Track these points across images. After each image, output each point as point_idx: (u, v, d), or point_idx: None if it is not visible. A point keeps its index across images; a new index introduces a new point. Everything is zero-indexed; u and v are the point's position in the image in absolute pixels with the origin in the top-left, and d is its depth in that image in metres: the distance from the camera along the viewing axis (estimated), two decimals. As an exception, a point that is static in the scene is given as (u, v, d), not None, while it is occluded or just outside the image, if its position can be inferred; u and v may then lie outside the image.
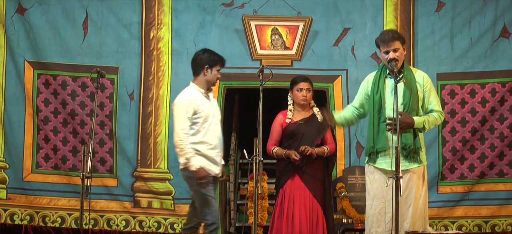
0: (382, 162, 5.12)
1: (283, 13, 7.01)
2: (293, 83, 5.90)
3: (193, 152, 5.29)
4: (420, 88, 5.07)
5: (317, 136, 5.83)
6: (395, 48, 5.01)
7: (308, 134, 5.81)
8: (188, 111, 5.34)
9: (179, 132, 5.32)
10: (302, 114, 5.88)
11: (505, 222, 6.77)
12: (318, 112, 5.88)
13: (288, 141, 5.84)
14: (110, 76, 6.87)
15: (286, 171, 5.79)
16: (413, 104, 5.02)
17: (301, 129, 5.83)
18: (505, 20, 6.86)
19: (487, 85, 6.85)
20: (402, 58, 5.06)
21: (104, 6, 6.97)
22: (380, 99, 5.12)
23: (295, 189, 5.74)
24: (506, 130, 6.81)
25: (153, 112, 6.94)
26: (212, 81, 5.50)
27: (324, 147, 5.81)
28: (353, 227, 6.39)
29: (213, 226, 5.29)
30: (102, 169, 6.88)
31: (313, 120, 5.86)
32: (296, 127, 5.83)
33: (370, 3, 7.00)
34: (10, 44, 6.91)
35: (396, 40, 5.01)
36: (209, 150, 5.38)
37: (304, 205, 5.70)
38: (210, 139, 5.39)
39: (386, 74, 5.17)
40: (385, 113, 5.07)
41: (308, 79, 5.89)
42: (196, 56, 5.55)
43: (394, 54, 5.01)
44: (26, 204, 6.85)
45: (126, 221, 6.86)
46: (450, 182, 6.85)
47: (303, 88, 5.82)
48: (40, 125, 6.86)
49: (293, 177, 5.76)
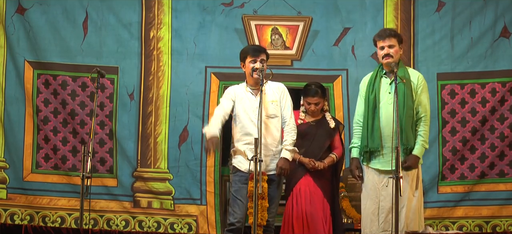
0: (376, 162, 5.16)
1: (283, 13, 7.00)
2: (304, 93, 5.88)
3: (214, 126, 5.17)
4: (414, 87, 5.09)
5: (327, 139, 5.86)
6: (391, 44, 5.05)
7: (318, 136, 5.84)
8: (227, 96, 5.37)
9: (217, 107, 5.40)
10: (314, 117, 5.92)
11: (506, 222, 6.77)
12: (330, 118, 5.90)
13: (299, 140, 5.84)
14: (110, 76, 6.87)
15: (297, 170, 5.80)
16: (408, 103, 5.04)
17: (312, 130, 5.85)
18: (505, 20, 6.86)
19: (487, 85, 6.85)
20: (397, 56, 5.10)
21: (104, 6, 6.97)
22: (375, 99, 5.15)
23: (308, 187, 5.76)
24: (506, 130, 6.80)
25: (153, 112, 6.94)
26: (249, 74, 5.34)
27: (332, 155, 5.85)
28: (353, 227, 6.38)
29: (231, 226, 5.28)
30: (102, 169, 6.88)
31: (324, 123, 5.88)
32: (307, 127, 5.85)
33: (370, 3, 6.99)
34: (10, 44, 6.91)
35: (392, 37, 5.06)
36: (243, 145, 5.30)
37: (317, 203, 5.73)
38: (245, 135, 5.30)
39: (382, 74, 5.19)
40: (380, 113, 5.08)
41: (317, 93, 5.80)
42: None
43: (389, 50, 5.05)
44: (26, 204, 6.85)
45: (126, 221, 6.85)
46: (451, 182, 6.84)
47: (311, 103, 5.83)
48: (40, 124, 6.86)
49: (306, 176, 5.80)
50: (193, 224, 6.83)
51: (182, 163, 6.87)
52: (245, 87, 5.42)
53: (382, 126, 5.15)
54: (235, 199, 5.30)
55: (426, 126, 5.13)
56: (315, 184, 5.77)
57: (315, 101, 5.83)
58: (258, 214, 5.21)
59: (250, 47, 5.53)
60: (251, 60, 5.34)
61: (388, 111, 5.09)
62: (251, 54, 5.36)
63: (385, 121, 5.13)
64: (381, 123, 5.15)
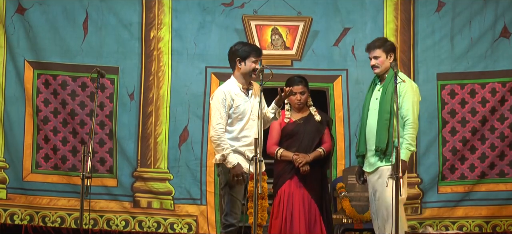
0: (365, 165, 5.41)
1: (283, 13, 7.00)
2: (287, 84, 5.81)
3: (229, 148, 5.19)
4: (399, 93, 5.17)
5: (316, 135, 5.82)
6: (375, 56, 5.28)
7: (307, 133, 5.80)
8: (224, 104, 5.25)
9: (216, 126, 5.23)
10: (300, 114, 5.87)
11: (506, 222, 6.76)
12: (315, 112, 5.87)
13: (288, 141, 5.83)
14: (110, 76, 6.86)
15: (285, 171, 5.78)
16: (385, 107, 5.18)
17: (301, 128, 5.82)
18: (505, 20, 6.86)
19: (487, 85, 6.85)
20: (384, 66, 5.29)
21: (104, 6, 6.97)
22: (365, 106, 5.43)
23: (295, 189, 5.73)
24: (506, 130, 6.80)
25: (153, 113, 6.94)
26: (248, 74, 5.33)
27: (319, 150, 5.79)
28: (353, 227, 6.38)
29: (230, 227, 5.26)
30: (102, 169, 6.88)
31: (312, 119, 5.85)
32: (295, 126, 5.82)
33: (370, 3, 6.99)
34: (10, 44, 6.91)
35: (376, 48, 5.29)
36: (243, 146, 5.27)
37: (303, 205, 5.70)
38: (245, 136, 5.28)
39: (377, 81, 5.44)
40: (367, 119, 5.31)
41: (302, 82, 5.81)
42: (229, 50, 5.45)
43: (374, 61, 5.30)
44: (26, 204, 6.85)
45: (126, 221, 6.85)
46: (451, 182, 6.84)
47: (296, 92, 5.79)
48: (40, 125, 6.86)
49: (292, 178, 5.75)
50: (193, 224, 6.83)
51: (182, 163, 6.87)
52: (238, 85, 5.38)
53: (367, 130, 5.37)
54: (235, 200, 5.28)
55: (410, 129, 5.20)
56: (301, 185, 5.73)
57: (300, 90, 5.78)
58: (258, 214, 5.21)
59: (252, 47, 5.45)
60: (254, 60, 5.33)
61: (372, 116, 5.34)
62: (254, 55, 5.34)
63: (369, 126, 5.36)
64: (367, 128, 5.38)
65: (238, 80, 5.38)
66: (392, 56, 5.31)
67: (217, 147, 5.24)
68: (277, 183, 5.82)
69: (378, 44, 5.33)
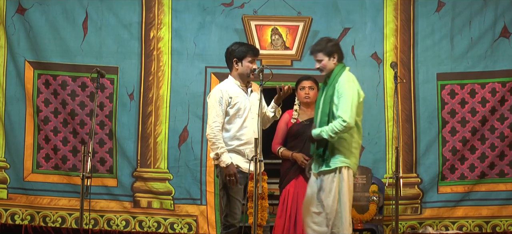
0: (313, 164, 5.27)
1: (283, 13, 7.01)
2: (297, 82, 5.91)
3: (224, 147, 5.19)
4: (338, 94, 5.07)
5: None
6: (318, 59, 5.20)
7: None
8: (221, 102, 5.25)
9: (212, 124, 5.23)
10: (307, 114, 5.87)
11: (506, 223, 6.77)
12: None
13: (293, 141, 5.84)
14: (110, 76, 6.87)
15: (290, 171, 5.80)
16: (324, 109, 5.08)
17: (306, 129, 5.82)
18: (505, 20, 6.86)
19: (487, 85, 6.85)
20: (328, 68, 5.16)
21: (104, 6, 6.97)
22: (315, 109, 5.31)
23: (300, 188, 5.74)
24: (506, 130, 6.80)
25: (153, 112, 6.94)
26: (245, 74, 5.33)
27: None
28: (353, 227, 6.38)
29: (231, 228, 5.26)
30: (102, 169, 6.89)
31: None
32: (301, 127, 5.83)
33: (370, 3, 6.99)
34: (10, 44, 6.91)
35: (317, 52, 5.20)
36: (241, 145, 5.27)
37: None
38: (243, 134, 5.28)
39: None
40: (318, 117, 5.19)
41: (311, 78, 5.87)
42: (226, 51, 5.45)
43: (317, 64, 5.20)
44: (26, 204, 6.86)
45: (126, 221, 6.86)
46: (451, 182, 6.85)
47: (305, 87, 5.82)
48: (41, 125, 6.87)
49: (297, 177, 5.77)
50: (193, 224, 6.83)
51: (182, 163, 6.87)
52: (236, 83, 5.38)
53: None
54: (234, 200, 5.28)
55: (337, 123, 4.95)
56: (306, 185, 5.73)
57: (309, 85, 5.81)
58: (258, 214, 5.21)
59: (249, 47, 5.46)
60: (251, 61, 5.34)
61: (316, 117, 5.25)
62: (251, 55, 5.35)
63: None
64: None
65: (235, 80, 5.39)
66: (335, 57, 5.17)
67: (212, 145, 5.24)
68: (283, 182, 5.84)
69: (318, 48, 5.21)
